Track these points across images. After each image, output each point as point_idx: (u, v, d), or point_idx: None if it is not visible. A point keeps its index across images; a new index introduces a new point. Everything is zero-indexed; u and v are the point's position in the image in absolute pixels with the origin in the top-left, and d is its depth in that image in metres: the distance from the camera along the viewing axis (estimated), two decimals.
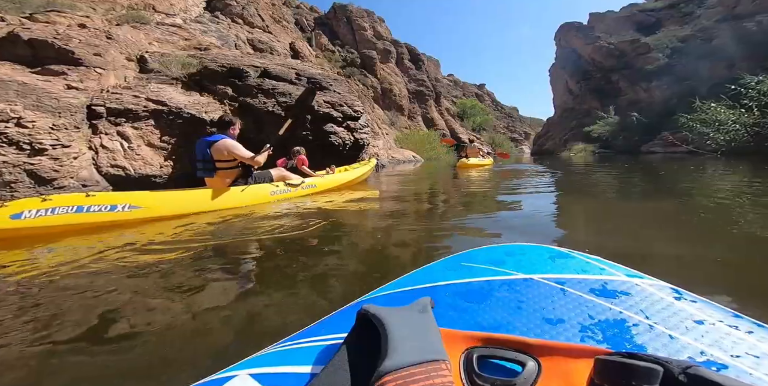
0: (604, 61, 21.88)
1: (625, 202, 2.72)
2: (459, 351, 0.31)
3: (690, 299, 0.35)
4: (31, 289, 1.09)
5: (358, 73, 23.71)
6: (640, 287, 0.37)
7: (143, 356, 0.72)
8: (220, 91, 5.25)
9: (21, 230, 1.76)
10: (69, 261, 1.37)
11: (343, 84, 7.09)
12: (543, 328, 0.33)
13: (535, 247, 0.47)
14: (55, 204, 1.86)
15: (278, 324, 0.83)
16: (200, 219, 2.18)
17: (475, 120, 27.62)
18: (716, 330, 0.31)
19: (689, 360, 0.27)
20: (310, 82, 6.43)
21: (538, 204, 2.56)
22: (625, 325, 0.32)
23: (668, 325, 0.32)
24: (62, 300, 0.99)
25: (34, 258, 1.47)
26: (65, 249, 1.59)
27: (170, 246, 1.56)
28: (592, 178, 5.02)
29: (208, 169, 2.78)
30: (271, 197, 2.87)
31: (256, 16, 17.40)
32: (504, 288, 0.39)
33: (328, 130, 5.62)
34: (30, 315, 0.90)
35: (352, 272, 1.21)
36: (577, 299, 0.36)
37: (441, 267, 0.46)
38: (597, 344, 0.31)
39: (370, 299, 0.43)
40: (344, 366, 0.28)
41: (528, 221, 1.93)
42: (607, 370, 0.24)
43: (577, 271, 0.40)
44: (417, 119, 25.43)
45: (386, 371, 0.24)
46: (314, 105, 5.54)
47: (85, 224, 1.93)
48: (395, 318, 0.30)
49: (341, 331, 0.35)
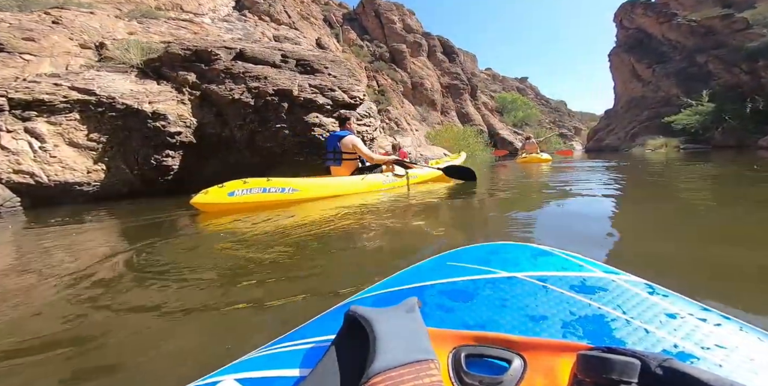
0: (685, 41, 17.86)
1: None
2: (447, 350, 0.31)
3: (662, 293, 0.36)
4: (243, 242, 1.55)
5: (387, 67, 22.69)
6: (616, 283, 0.37)
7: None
8: (181, 77, 4.25)
9: (233, 205, 2.35)
10: (264, 225, 1.87)
11: (343, 66, 5.77)
12: (527, 325, 0.34)
13: (518, 246, 0.47)
14: (251, 185, 2.43)
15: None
16: (341, 200, 2.64)
17: (517, 114, 24.84)
18: (687, 324, 0.32)
19: (664, 353, 0.28)
20: (300, 65, 5.22)
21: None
22: (604, 320, 0.33)
23: (643, 319, 0.32)
24: (260, 250, 1.38)
25: (242, 222, 1.98)
26: (257, 218, 2.08)
27: (323, 221, 1.93)
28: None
29: (337, 159, 3.26)
30: (383, 185, 3.28)
31: (283, 13, 17.29)
32: (489, 287, 0.40)
33: (310, 122, 4.33)
34: (237, 263, 1.23)
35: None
36: (558, 296, 0.36)
37: (427, 267, 0.46)
38: (578, 340, 0.31)
39: (358, 300, 0.43)
40: (333, 368, 0.29)
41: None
42: (589, 365, 0.25)
43: (558, 269, 0.41)
44: (450, 114, 23.61)
45: (375, 372, 0.24)
46: (293, 90, 4.30)
47: (267, 201, 2.46)
48: (383, 318, 0.30)
49: (329, 333, 0.36)
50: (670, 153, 11.05)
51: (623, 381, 0.23)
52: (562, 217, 1.78)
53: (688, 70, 16.95)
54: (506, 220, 1.76)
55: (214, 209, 2.32)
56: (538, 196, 2.59)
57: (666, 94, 17.39)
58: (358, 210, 2.20)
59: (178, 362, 0.65)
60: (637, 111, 18.31)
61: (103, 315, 0.86)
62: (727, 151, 9.71)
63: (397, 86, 22.04)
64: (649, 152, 12.89)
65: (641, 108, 18.12)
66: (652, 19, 20.01)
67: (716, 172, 3.97)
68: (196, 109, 4.12)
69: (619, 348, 0.25)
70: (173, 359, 0.66)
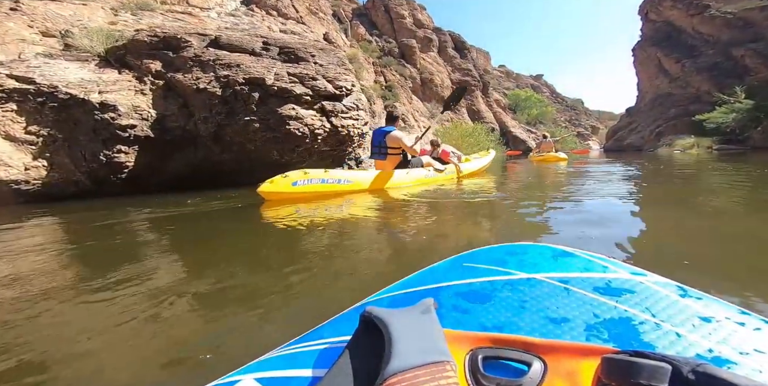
0: (718, 34, 16.40)
1: None
2: (463, 352, 0.30)
3: (695, 296, 0.34)
4: (301, 226, 1.70)
5: (395, 62, 22.17)
6: (645, 285, 0.36)
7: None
8: (145, 66, 3.85)
9: (296, 194, 2.53)
10: (318, 212, 2.09)
11: (333, 55, 5.26)
12: (548, 328, 0.33)
13: (537, 247, 0.45)
14: (311, 176, 2.60)
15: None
16: (387, 193, 2.85)
17: (531, 112, 23.73)
18: (723, 328, 0.30)
19: (697, 357, 0.27)
20: (283, 53, 4.75)
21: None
22: (631, 323, 0.31)
23: (675, 323, 0.31)
24: (311, 233, 1.56)
25: (302, 210, 2.15)
26: (315, 206, 2.32)
27: (378, 208, 2.23)
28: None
29: (382, 153, 3.40)
30: (425, 179, 3.47)
31: (290, 8, 17.16)
32: (507, 288, 0.38)
33: (285, 114, 3.85)
34: (295, 245, 1.38)
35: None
36: (581, 298, 0.35)
37: (443, 268, 0.46)
38: (603, 343, 0.30)
39: (374, 301, 0.43)
40: (348, 369, 0.29)
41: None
42: (615, 369, 0.24)
43: (581, 270, 0.39)
44: (461, 111, 22.89)
45: (390, 373, 0.24)
46: (266, 78, 3.82)
47: (324, 192, 2.67)
48: (398, 319, 0.30)
49: (345, 334, 0.36)
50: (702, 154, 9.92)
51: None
52: (585, 219, 1.64)
53: (722, 64, 15.55)
54: (533, 221, 1.69)
55: (279, 197, 2.47)
56: (561, 197, 2.43)
57: (696, 91, 16.05)
58: (399, 204, 2.32)
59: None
60: (663, 108, 17.00)
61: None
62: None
63: (405, 82, 21.51)
64: (678, 153, 11.71)
65: (668, 105, 16.81)
66: (681, 12, 18.56)
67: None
68: (159, 100, 3.72)
69: (647, 352, 0.24)
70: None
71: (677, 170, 4.50)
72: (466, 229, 1.59)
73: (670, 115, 16.08)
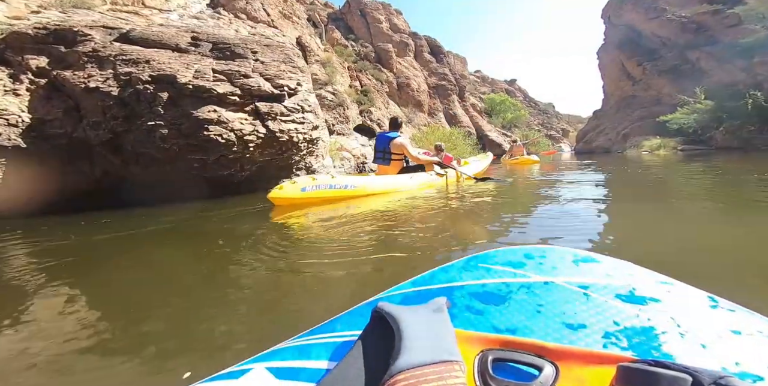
0: (675, 38, 17.19)
1: None
2: (474, 353, 0.30)
3: (727, 308, 0.33)
4: (310, 229, 1.90)
5: (372, 67, 21.93)
6: (672, 294, 0.34)
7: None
8: (26, 62, 3.14)
9: (304, 199, 2.60)
10: (328, 216, 2.20)
11: (279, 52, 4.72)
12: (563, 333, 0.32)
13: (556, 250, 0.44)
14: (319, 182, 2.69)
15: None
16: (388, 197, 2.93)
17: (506, 116, 24.06)
18: (754, 341, 0.29)
19: (722, 370, 0.26)
20: (217, 49, 4.16)
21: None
22: (653, 333, 0.31)
23: (701, 334, 0.30)
24: (323, 231, 1.76)
25: (308, 215, 2.26)
26: (321, 210, 2.42)
27: (382, 212, 2.22)
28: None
29: (386, 159, 3.57)
30: (429, 183, 3.55)
31: (261, 11, 16.52)
32: (523, 291, 0.38)
33: (203, 118, 3.24)
34: (302, 244, 1.57)
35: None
36: (601, 304, 0.34)
37: (457, 268, 0.45)
38: (621, 351, 0.30)
39: (386, 297, 0.43)
40: (357, 363, 0.29)
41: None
42: (631, 378, 0.23)
43: (602, 276, 0.37)
44: (438, 116, 22.89)
45: (399, 369, 0.24)
46: (178, 75, 3.21)
47: (332, 197, 2.75)
48: (410, 316, 0.30)
49: (356, 328, 0.36)
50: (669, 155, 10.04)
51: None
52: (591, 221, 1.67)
53: (681, 67, 16.25)
54: (547, 220, 1.70)
55: (288, 203, 2.54)
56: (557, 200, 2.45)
57: (658, 93, 16.65)
58: (401, 208, 2.34)
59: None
60: (628, 110, 17.54)
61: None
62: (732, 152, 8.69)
63: (382, 87, 21.28)
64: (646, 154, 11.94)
65: (632, 107, 17.36)
66: (641, 15, 19.37)
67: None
68: (40, 103, 3.06)
69: (666, 362, 0.24)
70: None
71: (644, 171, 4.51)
72: (478, 229, 1.63)
73: (635, 116, 16.57)
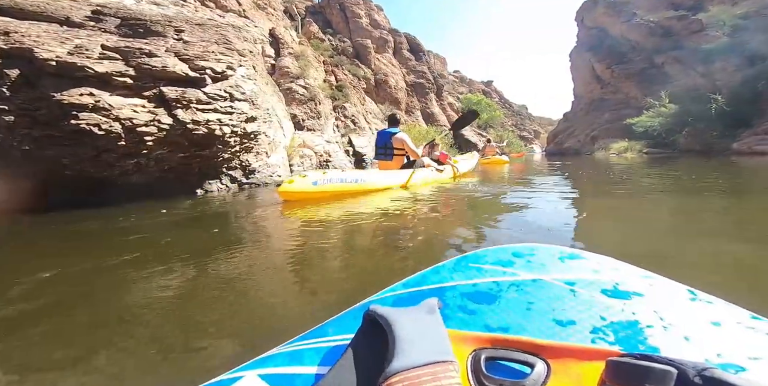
0: (644, 42, 17.76)
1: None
2: (467, 353, 0.31)
3: (706, 300, 0.34)
4: (317, 223, 1.93)
5: (348, 62, 21.36)
6: (655, 288, 0.35)
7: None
8: None
9: (316, 193, 2.59)
10: (336, 211, 2.23)
11: (213, 32, 4.15)
12: (553, 330, 0.33)
13: (544, 248, 0.44)
14: (330, 176, 2.71)
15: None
16: (401, 192, 3.05)
17: (482, 116, 24.26)
18: (733, 332, 0.30)
19: (705, 362, 0.27)
20: (125, 25, 3.54)
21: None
22: (639, 327, 0.31)
23: (683, 327, 0.31)
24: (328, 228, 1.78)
25: (317, 210, 2.27)
26: (329, 205, 2.42)
27: (384, 208, 2.29)
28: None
29: (389, 154, 3.63)
30: (430, 179, 3.67)
31: (232, 0, 15.51)
32: (513, 289, 0.38)
33: (73, 102, 2.65)
34: (305, 239, 1.60)
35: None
36: (588, 300, 0.35)
37: (448, 268, 0.45)
38: (609, 346, 0.30)
39: (378, 299, 0.43)
40: (351, 367, 0.29)
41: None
42: (620, 372, 0.24)
43: (588, 272, 0.38)
44: (415, 114, 22.65)
45: (393, 372, 0.24)
46: (40, 50, 2.61)
47: (343, 191, 2.76)
48: (402, 318, 0.30)
49: (349, 332, 0.36)
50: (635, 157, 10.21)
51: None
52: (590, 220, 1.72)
53: (648, 71, 16.76)
54: (548, 214, 1.78)
55: (299, 197, 2.53)
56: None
57: (626, 96, 17.11)
58: (407, 202, 2.42)
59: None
60: (597, 113, 17.97)
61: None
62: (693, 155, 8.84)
63: (359, 83, 20.75)
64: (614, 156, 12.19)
65: (601, 110, 17.79)
66: (613, 19, 19.89)
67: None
68: None
69: (653, 356, 0.24)
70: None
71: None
72: (479, 225, 1.66)
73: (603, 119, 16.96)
